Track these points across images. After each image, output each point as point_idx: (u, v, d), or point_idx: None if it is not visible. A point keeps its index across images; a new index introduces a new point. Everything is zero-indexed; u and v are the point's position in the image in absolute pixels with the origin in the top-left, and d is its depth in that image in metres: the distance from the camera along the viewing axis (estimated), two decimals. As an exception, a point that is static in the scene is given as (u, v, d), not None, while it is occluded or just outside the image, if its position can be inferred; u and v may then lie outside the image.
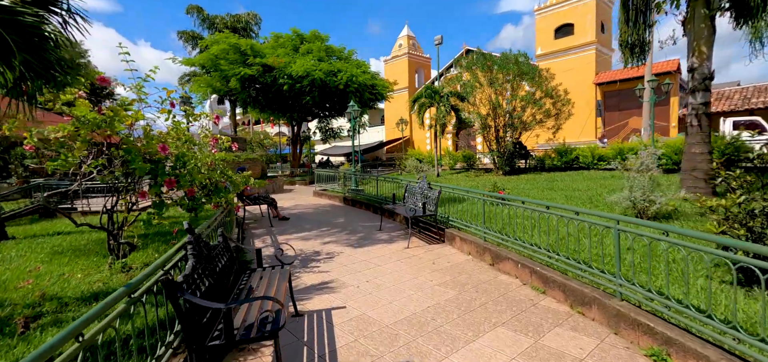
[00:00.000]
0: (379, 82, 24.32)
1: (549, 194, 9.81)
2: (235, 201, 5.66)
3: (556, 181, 12.24)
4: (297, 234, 7.86)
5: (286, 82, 20.13)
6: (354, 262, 5.71)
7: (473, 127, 18.26)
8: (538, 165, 16.33)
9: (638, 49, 7.94)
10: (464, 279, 4.79)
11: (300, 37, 22.91)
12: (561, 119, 14.84)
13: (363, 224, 8.67)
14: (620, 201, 6.67)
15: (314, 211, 10.92)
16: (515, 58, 14.75)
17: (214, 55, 20.34)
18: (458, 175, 17.29)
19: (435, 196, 6.71)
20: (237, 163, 14.16)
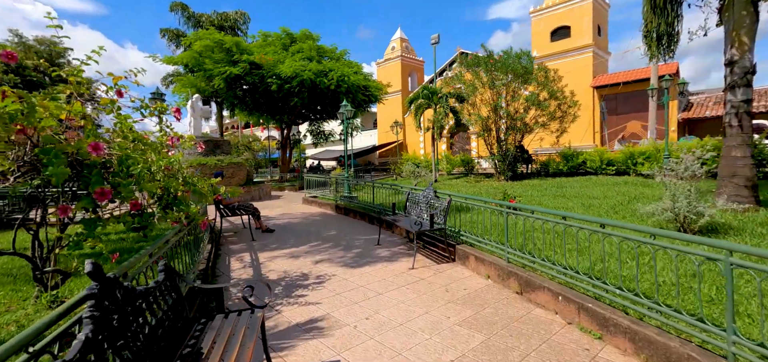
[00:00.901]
0: (372, 83, 23.38)
1: (562, 202, 8.90)
2: (201, 215, 4.60)
3: (565, 188, 11.37)
4: (282, 250, 6.78)
5: (275, 82, 19.03)
6: (349, 288, 4.67)
7: (469, 130, 17.44)
8: (542, 170, 15.51)
9: (666, 40, 7.09)
10: (490, 315, 3.79)
11: (290, 36, 21.86)
12: (566, 122, 14.04)
13: (358, 237, 7.63)
14: (657, 212, 5.75)
15: (303, 221, 9.83)
16: (519, 56, 13.92)
17: (197, 53, 19.14)
18: (457, 180, 16.37)
19: (444, 207, 5.72)
20: (215, 168, 13.01)
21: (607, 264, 4.28)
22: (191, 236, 4.41)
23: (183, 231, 3.98)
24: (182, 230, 3.96)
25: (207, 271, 4.84)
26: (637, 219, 6.50)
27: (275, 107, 22.84)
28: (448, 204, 5.67)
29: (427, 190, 6.46)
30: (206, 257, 5.44)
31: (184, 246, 4.23)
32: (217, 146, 14.66)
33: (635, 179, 12.01)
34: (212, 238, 6.71)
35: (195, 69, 19.90)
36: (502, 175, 14.70)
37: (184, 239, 4.13)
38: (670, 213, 5.45)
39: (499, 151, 14.66)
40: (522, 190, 11.39)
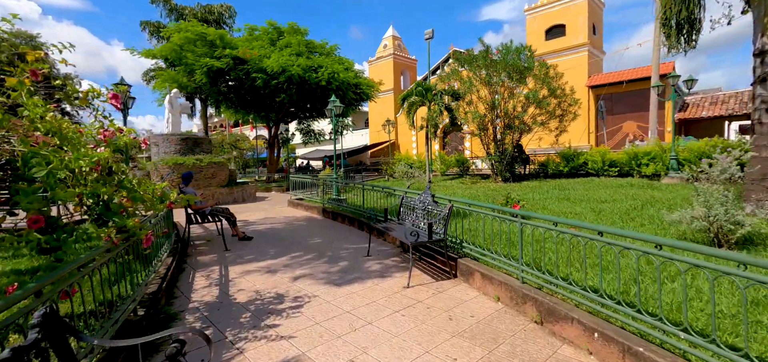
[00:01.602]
0: (364, 80, 22.54)
1: (568, 207, 8.19)
2: (140, 228, 3.69)
3: (567, 190, 10.69)
4: (258, 262, 5.92)
5: (261, 77, 18.06)
6: (332, 314, 3.85)
7: (463, 129, 16.72)
8: (541, 171, 14.86)
9: (687, 29, 6.43)
10: (507, 356, 3.01)
11: (277, 30, 20.88)
12: (566, 120, 13.40)
13: (346, 246, 6.81)
14: (686, 220, 5.04)
15: (286, 227, 8.97)
16: (518, 51, 13.23)
17: (177, 46, 18.08)
18: (452, 181, 15.63)
19: (444, 214, 4.93)
20: (192, 168, 12.05)
21: (643, 287, 3.55)
22: (131, 254, 3.53)
23: (115, 251, 3.10)
24: (114, 250, 3.08)
25: (158, 295, 3.97)
26: (662, 229, 5.79)
27: (262, 104, 21.86)
28: (448, 211, 4.88)
29: (424, 194, 5.66)
30: (162, 274, 4.56)
31: (123, 267, 3.35)
32: (197, 144, 13.69)
33: (640, 181, 11.41)
34: (176, 249, 5.81)
35: (175, 63, 18.82)
36: (500, 176, 14.00)
37: (119, 260, 3.25)
38: (702, 222, 4.74)
39: (496, 151, 13.97)
40: (523, 193, 10.68)
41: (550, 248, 4.84)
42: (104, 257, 2.93)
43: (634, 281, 3.67)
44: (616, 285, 3.17)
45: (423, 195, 5.70)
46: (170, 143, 13.27)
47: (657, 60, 14.69)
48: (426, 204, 5.52)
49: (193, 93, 24.68)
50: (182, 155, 13.17)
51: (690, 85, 10.54)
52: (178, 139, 13.33)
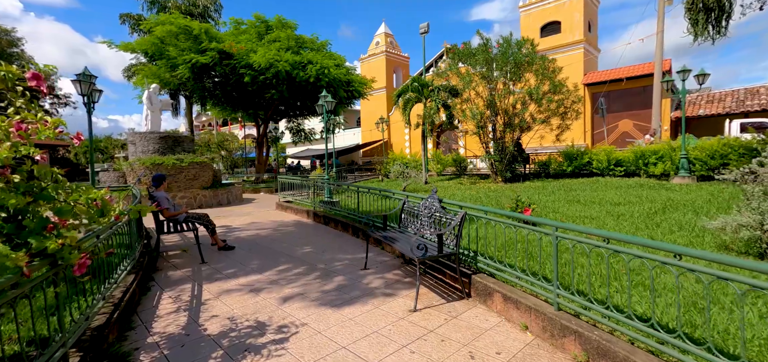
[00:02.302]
0: (356, 78, 21.74)
1: (581, 209, 7.56)
2: (71, 250, 2.89)
3: (575, 191, 10.09)
4: (238, 278, 5.12)
5: (248, 73, 17.14)
6: (327, 352, 3.10)
7: (458, 128, 16.11)
8: (542, 170, 14.27)
9: (717, 14, 5.81)
10: (559, 418, 2.28)
11: (265, 23, 19.96)
12: (569, 118, 12.82)
13: (340, 256, 6.04)
14: (730, 228, 4.40)
15: (273, 233, 8.15)
16: (519, 44, 12.60)
17: (158, 39, 17.05)
18: (449, 181, 14.96)
19: (455, 224, 4.20)
20: (171, 169, 11.14)
21: (714, 319, 2.87)
22: (62, 284, 2.70)
23: (28, 284, 2.28)
24: (25, 283, 2.26)
25: (106, 329, 3.15)
26: (697, 237, 5.15)
27: (249, 101, 20.90)
28: (461, 220, 4.16)
29: (430, 199, 4.93)
30: (118, 299, 3.73)
31: (56, 299, 2.53)
32: (177, 143, 12.75)
33: (649, 181, 10.88)
34: (141, 264, 4.97)
35: (157, 57, 17.77)
36: (500, 176, 13.37)
37: (37, 294, 2.44)
38: (754, 232, 4.10)
39: (496, 150, 13.33)
40: (529, 194, 10.04)
41: (580, 263, 4.15)
42: (9, 295, 2.12)
43: (698, 308, 3.00)
44: (675, 314, 2.48)
45: (428, 199, 4.97)
46: (148, 142, 12.31)
47: (660, 55, 14.22)
48: (432, 211, 4.79)
49: (177, 90, 23.60)
50: (161, 154, 12.23)
51: (702, 80, 10.04)
52: (157, 138, 12.38)
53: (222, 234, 8.08)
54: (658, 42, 14.29)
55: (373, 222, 6.19)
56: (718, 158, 10.05)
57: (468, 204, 4.60)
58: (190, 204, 12.26)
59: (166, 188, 6.64)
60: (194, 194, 12.36)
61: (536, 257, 4.17)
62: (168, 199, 6.25)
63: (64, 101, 40.06)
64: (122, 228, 4.37)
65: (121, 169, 12.05)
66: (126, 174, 11.90)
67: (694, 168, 10.46)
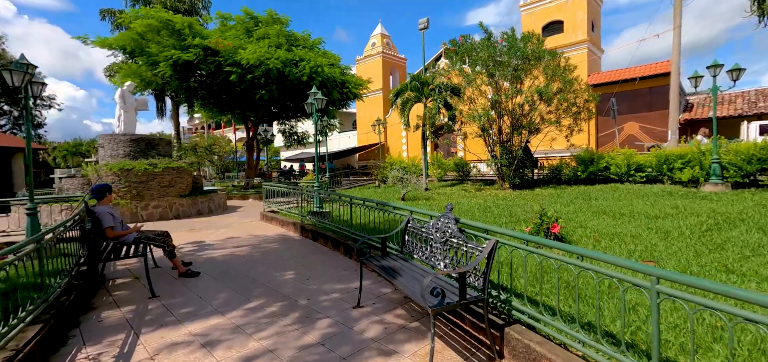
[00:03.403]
0: (351, 78, 20.61)
1: (612, 225, 6.43)
2: None
3: (596, 200, 8.98)
4: (192, 324, 3.90)
5: (235, 71, 15.94)
6: None
7: (458, 130, 15.03)
8: (552, 176, 13.16)
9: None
10: None
11: (254, 19, 18.77)
12: (582, 118, 11.75)
13: (328, 286, 4.85)
14: None
15: (252, 252, 6.93)
16: (525, 39, 11.55)
17: (138, 34, 15.82)
18: (452, 188, 13.81)
19: (482, 258, 3.03)
20: (142, 175, 9.91)
21: None
22: None
23: None
24: None
25: None
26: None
27: (238, 102, 19.66)
28: (491, 252, 2.98)
29: (443, 219, 3.75)
30: None
31: None
32: (151, 146, 11.49)
33: (676, 188, 9.80)
34: (59, 305, 3.74)
35: (136, 53, 16.52)
36: (507, 181, 12.25)
37: None
38: None
39: (503, 154, 12.21)
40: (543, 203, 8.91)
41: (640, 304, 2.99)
42: None
43: None
44: None
45: (441, 219, 3.79)
46: (118, 144, 11.05)
47: (678, 52, 13.22)
48: (447, 235, 3.61)
49: (162, 90, 22.32)
50: (133, 159, 10.96)
51: (736, 76, 9.02)
52: (128, 140, 11.12)
53: (191, 253, 6.86)
54: (675, 38, 13.31)
55: (369, 241, 5.01)
56: (755, 163, 9.00)
57: (494, 226, 3.44)
58: (165, 215, 11.00)
59: (146, 195, 5.42)
60: (170, 203, 11.10)
61: (571, 294, 3.00)
62: (113, 216, 5.02)
63: (47, 103, 38.62)
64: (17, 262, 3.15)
65: (87, 174, 10.78)
66: (92, 180, 10.62)
67: (728, 174, 9.39)
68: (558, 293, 2.83)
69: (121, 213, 10.38)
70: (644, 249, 5.02)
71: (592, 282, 3.38)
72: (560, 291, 3.25)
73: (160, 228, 8.53)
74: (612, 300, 3.38)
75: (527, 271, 3.37)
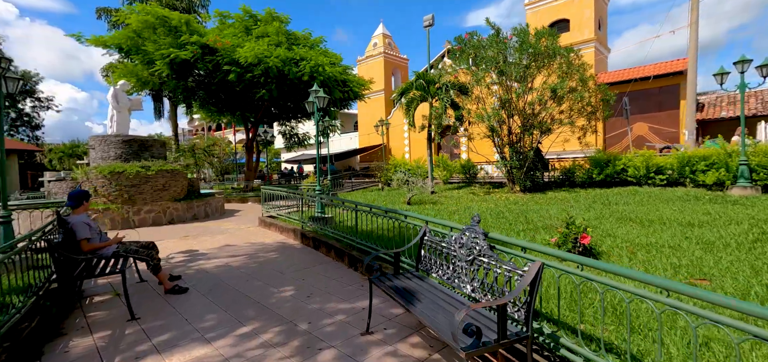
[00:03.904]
0: (353, 78, 20.07)
1: (643, 234, 5.85)
2: None
3: (616, 205, 8.40)
4: (172, 353, 3.33)
5: (233, 69, 15.41)
6: None
7: (459, 132, 14.52)
8: (565, 178, 12.57)
9: None
10: None
11: (253, 17, 18.25)
12: (597, 117, 11.18)
13: (332, 306, 4.28)
14: None
15: (248, 262, 6.37)
16: (539, 34, 10.99)
17: (134, 32, 15.30)
18: (459, 191, 13.23)
19: (525, 284, 2.45)
20: (135, 178, 9.37)
21: None
22: None
23: None
24: None
25: None
26: None
27: (237, 102, 19.14)
28: (535, 278, 2.41)
29: (469, 232, 3.18)
30: None
31: None
32: (145, 148, 10.94)
33: (700, 192, 9.21)
34: (17, 334, 3.17)
35: (133, 52, 16.00)
36: (518, 184, 11.67)
37: None
38: None
39: (513, 155, 11.63)
40: (558, 208, 8.34)
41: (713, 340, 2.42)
42: None
43: None
44: None
45: (466, 233, 3.22)
46: (109, 146, 10.50)
47: (695, 48, 12.63)
48: (474, 252, 3.04)
49: (160, 90, 21.81)
50: (124, 161, 10.42)
51: (766, 72, 8.42)
52: (120, 141, 10.57)
53: (182, 264, 6.29)
54: (692, 33, 12.74)
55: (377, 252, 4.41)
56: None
57: (533, 244, 2.88)
58: (158, 220, 10.45)
59: (139, 200, 4.86)
60: (164, 207, 10.55)
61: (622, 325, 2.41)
62: (90, 226, 4.46)
63: (45, 104, 38.20)
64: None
65: (77, 178, 10.23)
66: (81, 184, 10.07)
67: (757, 177, 8.80)
68: (629, 334, 2.24)
69: (111, 219, 9.85)
70: (689, 263, 4.44)
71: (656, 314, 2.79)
72: (612, 320, 2.67)
73: (148, 237, 7.98)
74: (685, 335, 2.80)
75: (580, 299, 2.79)
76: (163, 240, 8.25)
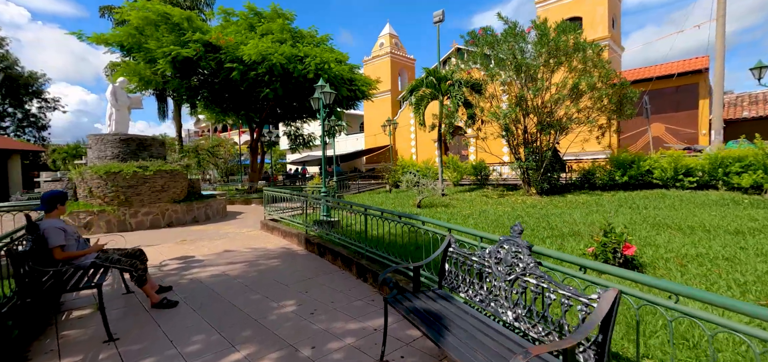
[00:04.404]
0: (359, 77, 19.55)
1: (690, 244, 5.21)
2: None
3: (645, 210, 7.75)
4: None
5: (236, 67, 14.96)
6: None
7: (467, 132, 13.91)
8: (584, 180, 11.90)
9: None
10: None
11: (257, 14, 17.82)
12: (617, 118, 10.54)
13: (340, 327, 3.71)
14: None
15: (247, 271, 5.82)
16: (562, 29, 10.39)
17: (136, 29, 14.91)
18: (471, 193, 12.61)
19: (597, 319, 1.85)
20: (132, 179, 8.90)
21: None
22: None
23: None
24: None
25: None
26: None
27: (241, 102, 18.71)
28: (611, 311, 1.81)
29: (509, 245, 2.59)
30: None
31: None
32: (143, 147, 10.47)
33: (735, 195, 8.52)
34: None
35: (134, 50, 15.62)
36: (534, 186, 11.03)
37: None
38: None
39: (529, 156, 10.99)
40: (581, 212, 7.71)
41: None
42: None
43: None
44: None
45: (505, 245, 2.63)
46: (106, 145, 10.05)
47: (722, 44, 11.89)
48: (517, 270, 2.45)
49: (163, 90, 21.47)
50: (122, 161, 9.96)
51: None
52: (117, 141, 10.11)
53: (175, 272, 5.77)
54: (719, 28, 12.01)
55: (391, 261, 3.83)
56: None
57: (598, 264, 2.30)
58: (156, 222, 9.97)
59: (136, 202, 4.34)
60: (162, 209, 10.07)
61: None
62: (65, 232, 3.93)
63: (52, 105, 38.19)
64: None
65: (72, 178, 9.79)
66: (76, 185, 9.62)
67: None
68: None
69: (107, 221, 9.37)
70: (755, 279, 3.81)
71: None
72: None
73: (144, 240, 7.47)
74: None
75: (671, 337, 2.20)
76: (159, 244, 7.75)
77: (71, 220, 8.78)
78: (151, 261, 6.40)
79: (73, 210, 8.98)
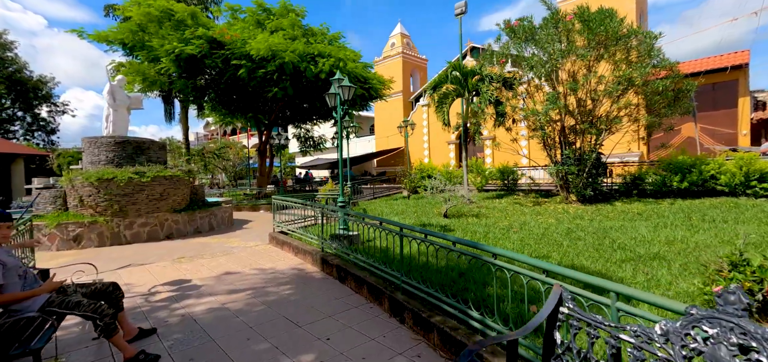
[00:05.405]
0: (373, 76, 18.51)
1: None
2: None
3: (725, 223, 6.46)
4: None
5: (244, 65, 14.00)
6: None
7: (484, 134, 12.70)
8: (630, 186, 10.59)
9: None
10: None
11: (266, 10, 16.89)
12: (680, 106, 9.31)
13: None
14: None
15: (251, 303, 4.71)
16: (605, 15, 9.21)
17: (137, 26, 14.06)
18: (500, 201, 11.38)
19: None
20: (127, 186, 7.89)
21: None
22: None
23: None
24: None
25: None
26: None
27: (249, 103, 17.77)
28: None
29: (721, 326, 1.41)
30: None
31: None
32: (140, 151, 9.50)
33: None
34: None
35: (137, 48, 14.78)
36: (574, 193, 9.77)
37: None
38: None
39: (568, 159, 9.75)
40: (654, 230, 6.45)
41: None
42: None
43: None
44: None
45: (707, 327, 1.45)
46: (100, 149, 9.10)
47: None
48: None
49: (170, 91, 20.67)
50: (117, 165, 8.99)
51: None
52: (112, 144, 9.15)
53: (164, 305, 4.65)
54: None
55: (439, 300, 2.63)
56: None
57: None
58: (154, 234, 8.96)
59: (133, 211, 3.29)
60: (161, 220, 9.07)
61: None
62: (4, 264, 2.86)
63: (61, 109, 37.94)
64: None
65: (64, 184, 8.85)
66: (67, 192, 8.68)
67: None
68: None
69: (99, 234, 8.36)
70: None
71: None
72: None
73: (136, 257, 6.42)
74: None
75: None
76: (152, 263, 6.72)
77: (44, 238, 7.79)
78: (139, 287, 5.36)
79: (61, 222, 8.01)
